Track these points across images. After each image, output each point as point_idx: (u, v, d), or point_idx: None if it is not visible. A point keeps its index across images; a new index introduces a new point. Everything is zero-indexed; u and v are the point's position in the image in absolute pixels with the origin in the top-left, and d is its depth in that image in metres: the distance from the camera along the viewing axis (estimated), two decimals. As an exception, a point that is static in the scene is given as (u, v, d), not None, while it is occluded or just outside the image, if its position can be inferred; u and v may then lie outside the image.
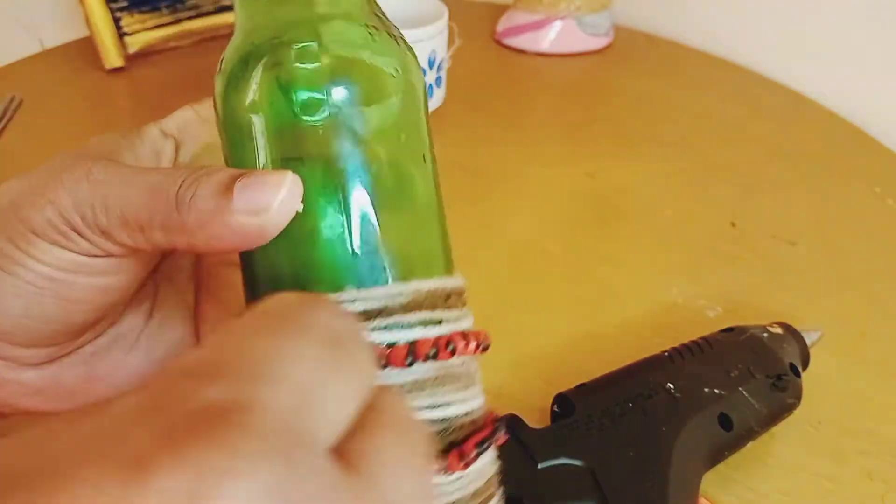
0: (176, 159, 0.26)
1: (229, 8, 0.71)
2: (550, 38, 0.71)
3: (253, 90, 0.20)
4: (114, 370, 0.25)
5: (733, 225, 0.50)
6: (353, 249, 0.20)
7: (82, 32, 0.68)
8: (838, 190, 0.54)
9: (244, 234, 0.19)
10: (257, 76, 0.20)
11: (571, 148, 0.58)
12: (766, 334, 0.34)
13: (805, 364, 0.35)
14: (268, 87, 0.20)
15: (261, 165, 0.20)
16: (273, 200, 0.19)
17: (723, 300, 0.43)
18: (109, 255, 0.21)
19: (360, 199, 0.20)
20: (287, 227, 0.19)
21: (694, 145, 0.59)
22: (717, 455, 0.31)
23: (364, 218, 0.20)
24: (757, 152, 0.58)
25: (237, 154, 0.21)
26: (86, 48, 0.67)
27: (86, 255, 0.21)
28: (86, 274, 0.21)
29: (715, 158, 0.57)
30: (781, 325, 0.35)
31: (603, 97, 0.67)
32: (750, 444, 0.32)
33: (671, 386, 0.31)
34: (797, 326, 0.36)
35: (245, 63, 0.20)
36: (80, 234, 0.20)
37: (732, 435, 0.31)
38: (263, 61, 0.20)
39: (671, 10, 0.76)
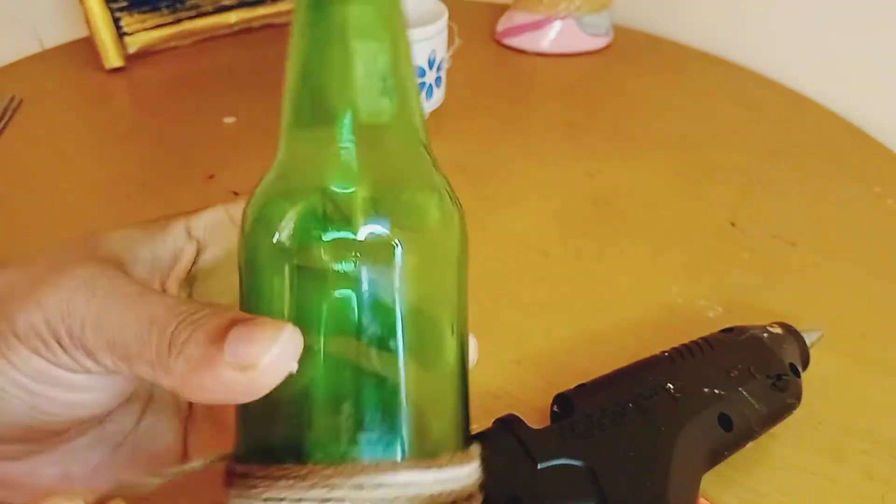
0: (195, 263, 0.24)
1: (229, 8, 0.71)
2: (550, 38, 0.71)
3: (285, 233, 0.19)
4: (92, 471, 0.23)
5: (733, 225, 0.50)
6: (359, 421, 0.18)
7: (82, 32, 0.68)
8: (838, 190, 0.54)
9: (232, 390, 0.17)
10: (291, 220, 0.19)
11: (571, 148, 0.58)
12: (766, 334, 0.34)
13: (805, 364, 0.35)
14: (300, 232, 0.19)
15: (274, 311, 0.19)
16: (263, 357, 0.17)
17: (723, 300, 0.43)
18: (89, 372, 0.19)
19: (374, 363, 0.18)
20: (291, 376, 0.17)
21: (694, 145, 0.59)
22: (717, 455, 0.31)
23: (377, 385, 0.18)
24: (757, 152, 0.58)
25: (252, 291, 0.20)
26: (86, 48, 0.67)
27: (64, 370, 0.19)
28: (63, 389, 0.19)
29: (715, 158, 0.57)
30: (781, 325, 0.35)
31: (603, 97, 0.67)
32: (750, 445, 0.32)
33: (671, 386, 0.31)
34: (797, 326, 0.36)
35: (281, 203, 0.19)
36: (62, 346, 0.18)
37: (732, 435, 0.31)
38: (301, 206, 0.19)
39: (671, 10, 0.76)
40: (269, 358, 0.17)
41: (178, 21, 0.69)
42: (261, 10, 0.72)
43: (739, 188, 0.53)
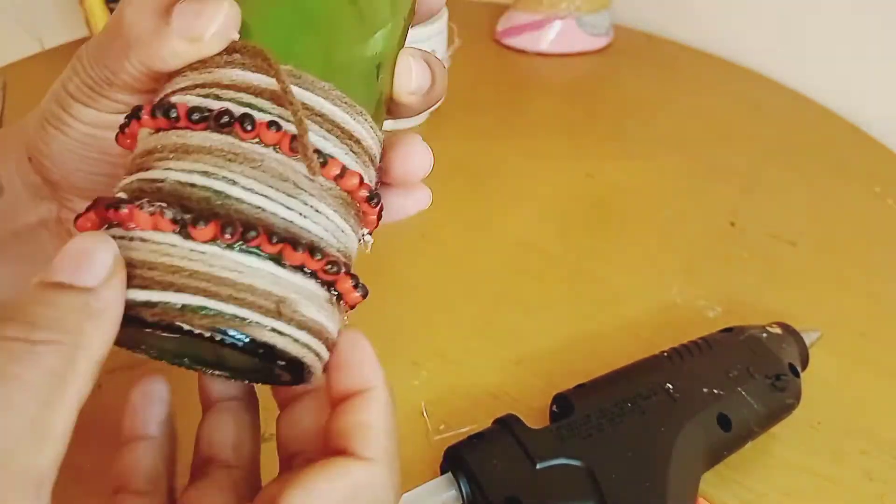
0: None
1: (229, 8, 0.71)
2: (550, 37, 0.71)
3: None
4: None
5: (733, 225, 0.49)
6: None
7: (82, 32, 0.68)
8: (838, 190, 0.54)
9: (184, 60, 0.20)
10: None
11: (571, 148, 0.58)
12: (765, 334, 0.34)
13: (804, 364, 0.35)
14: None
15: None
16: (206, 30, 0.19)
17: (722, 300, 0.43)
18: (117, 101, 0.23)
19: None
20: None
21: (694, 145, 0.59)
22: (716, 455, 0.31)
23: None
24: (757, 152, 0.58)
25: None
26: (86, 48, 0.67)
27: (109, 113, 0.23)
28: (102, 129, 0.23)
29: (715, 158, 0.57)
30: (781, 325, 0.35)
31: (603, 97, 0.67)
32: (749, 444, 0.32)
33: (670, 386, 0.31)
34: (796, 326, 0.36)
35: None
36: (97, 92, 0.23)
37: (731, 435, 0.31)
38: None
39: (671, 10, 0.76)
40: (212, 30, 0.19)
41: (179, 21, 0.69)
42: (261, 10, 0.72)
43: (739, 188, 0.53)
